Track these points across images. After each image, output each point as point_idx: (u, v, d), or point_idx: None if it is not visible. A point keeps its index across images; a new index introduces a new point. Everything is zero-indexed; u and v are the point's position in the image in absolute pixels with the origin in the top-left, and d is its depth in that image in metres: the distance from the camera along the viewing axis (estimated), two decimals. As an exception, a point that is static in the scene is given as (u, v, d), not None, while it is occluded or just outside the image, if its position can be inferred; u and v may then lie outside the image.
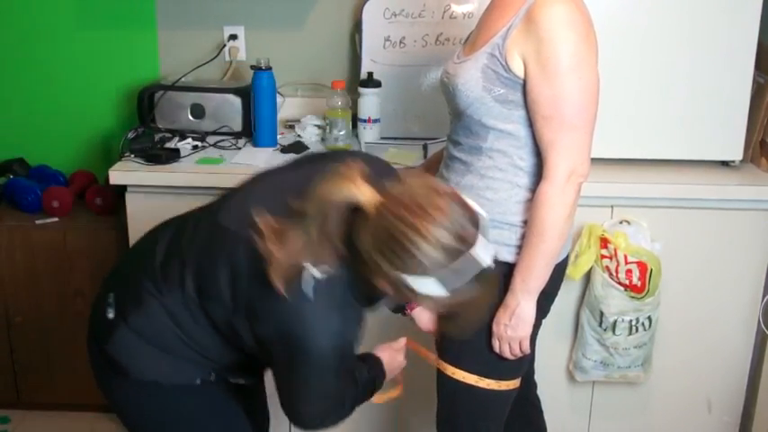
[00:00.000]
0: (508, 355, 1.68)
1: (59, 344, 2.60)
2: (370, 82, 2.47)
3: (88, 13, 2.68)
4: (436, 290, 1.28)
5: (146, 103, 2.49)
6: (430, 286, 1.27)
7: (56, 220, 2.58)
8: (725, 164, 2.28)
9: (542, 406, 2.06)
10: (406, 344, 1.70)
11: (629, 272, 2.13)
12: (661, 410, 2.38)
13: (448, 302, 1.32)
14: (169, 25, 2.68)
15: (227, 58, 2.69)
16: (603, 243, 2.14)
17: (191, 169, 2.24)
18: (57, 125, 2.77)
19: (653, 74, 2.13)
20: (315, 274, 1.30)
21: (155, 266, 1.47)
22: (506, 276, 1.62)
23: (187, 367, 1.49)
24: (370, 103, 2.47)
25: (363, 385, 1.54)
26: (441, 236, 1.24)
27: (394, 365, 1.66)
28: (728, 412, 2.39)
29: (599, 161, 1.82)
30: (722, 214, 2.20)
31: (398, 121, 2.54)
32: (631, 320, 2.17)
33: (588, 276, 2.19)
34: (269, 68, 2.39)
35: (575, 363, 2.29)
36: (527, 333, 1.66)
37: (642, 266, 2.12)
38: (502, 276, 1.61)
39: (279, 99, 2.50)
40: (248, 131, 2.46)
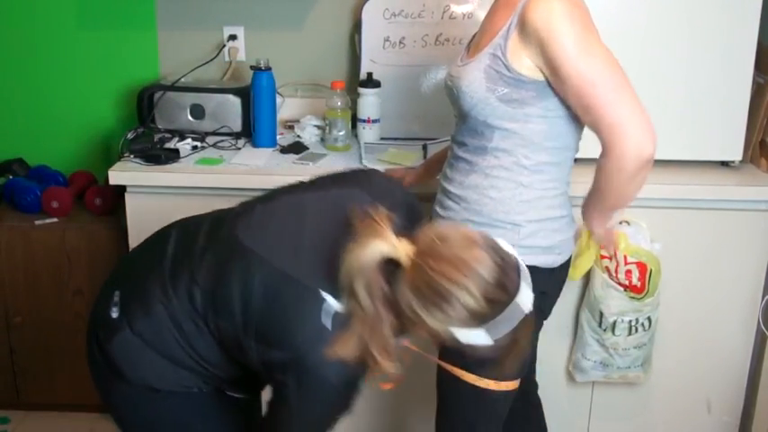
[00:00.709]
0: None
1: (59, 344, 2.60)
2: (370, 82, 2.47)
3: (88, 14, 2.68)
4: (482, 340, 1.27)
5: (145, 104, 2.48)
6: (476, 338, 1.26)
7: (55, 220, 2.58)
8: (725, 164, 2.28)
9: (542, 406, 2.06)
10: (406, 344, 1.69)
11: (628, 272, 2.13)
12: (661, 411, 2.38)
13: (491, 349, 1.30)
14: (169, 25, 2.68)
15: (226, 58, 2.69)
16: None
17: (190, 170, 2.24)
18: (56, 125, 2.77)
19: (652, 74, 2.13)
20: (334, 305, 1.30)
21: (164, 271, 1.45)
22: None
23: (186, 375, 1.48)
24: (369, 103, 2.47)
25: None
26: (486, 290, 1.22)
27: None
28: (728, 412, 2.40)
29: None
30: (722, 215, 2.20)
31: (398, 122, 2.54)
32: (631, 321, 2.17)
33: (588, 277, 2.19)
34: (268, 69, 2.39)
35: (574, 363, 2.29)
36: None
37: (642, 267, 2.12)
38: None
39: (278, 99, 2.50)
40: (248, 132, 2.45)
